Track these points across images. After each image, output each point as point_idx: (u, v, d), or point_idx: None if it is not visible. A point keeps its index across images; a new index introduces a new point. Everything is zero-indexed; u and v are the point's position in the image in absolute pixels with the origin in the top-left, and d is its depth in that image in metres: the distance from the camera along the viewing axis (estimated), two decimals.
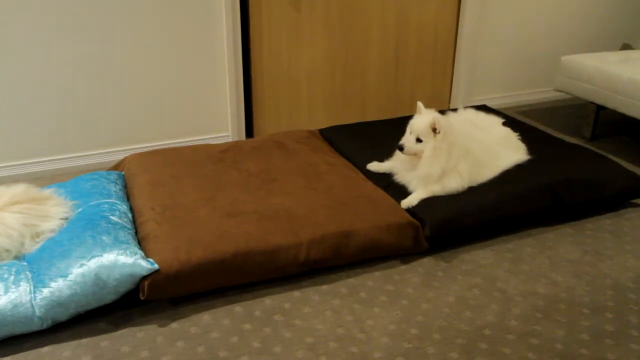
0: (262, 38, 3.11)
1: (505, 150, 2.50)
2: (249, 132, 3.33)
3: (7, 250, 1.86)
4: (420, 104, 2.30)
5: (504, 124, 2.64)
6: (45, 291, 1.73)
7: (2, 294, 1.70)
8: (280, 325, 1.82)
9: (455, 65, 3.67)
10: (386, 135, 2.72)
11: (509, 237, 2.32)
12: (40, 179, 2.83)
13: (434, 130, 2.21)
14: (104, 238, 1.88)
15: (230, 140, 3.21)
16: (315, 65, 3.29)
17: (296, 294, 1.97)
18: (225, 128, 3.24)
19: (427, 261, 2.16)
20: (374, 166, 2.51)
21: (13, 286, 1.73)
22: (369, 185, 2.37)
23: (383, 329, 1.81)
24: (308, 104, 3.36)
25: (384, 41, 3.40)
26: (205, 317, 1.86)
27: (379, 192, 2.31)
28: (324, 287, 2.01)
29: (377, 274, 2.08)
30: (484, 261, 2.16)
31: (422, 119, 2.23)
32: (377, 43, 3.39)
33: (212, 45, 3.02)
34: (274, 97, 3.26)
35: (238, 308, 1.90)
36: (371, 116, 3.54)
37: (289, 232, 2.03)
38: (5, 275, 1.76)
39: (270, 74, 3.20)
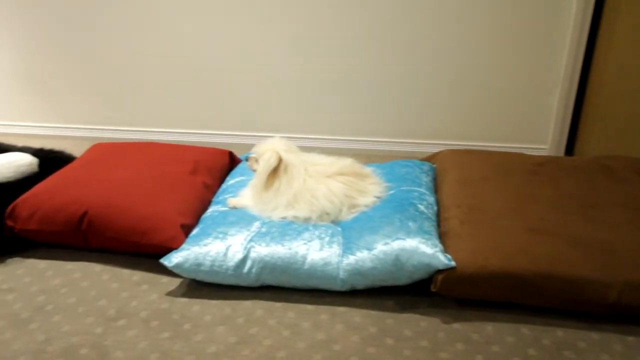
0: (610, 48, 2.81)
1: None
2: (569, 149, 3.09)
3: (328, 214, 2.10)
4: None
5: None
6: (351, 258, 1.90)
7: (317, 250, 1.93)
8: None
9: None
10: None
11: None
12: (358, 156, 3.11)
13: None
14: (410, 224, 1.97)
15: (546, 154, 3.03)
16: None
17: (594, 335, 1.77)
18: (543, 140, 3.07)
19: None
20: None
21: (327, 246, 1.94)
22: None
23: None
24: None
25: None
26: (489, 328, 1.81)
27: None
28: (631, 338, 1.76)
29: None
30: None
31: None
32: None
33: (550, 51, 2.87)
34: (608, 116, 2.94)
35: (525, 330, 1.80)
36: None
37: (601, 267, 1.82)
38: (322, 235, 1.99)
39: (610, 90, 2.89)
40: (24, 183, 2.34)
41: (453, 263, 1.84)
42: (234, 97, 3.23)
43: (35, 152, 2.56)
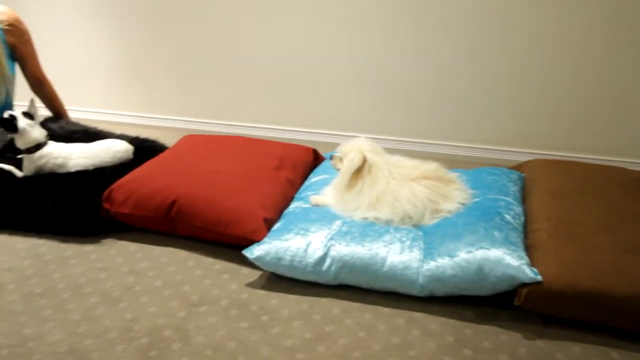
0: None
1: None
2: None
3: (410, 217, 2.07)
4: None
5: None
6: (432, 264, 1.86)
7: (397, 253, 1.91)
8: None
9: None
10: None
11: None
12: (443, 161, 3.04)
13: None
14: (495, 233, 1.90)
15: None
16: None
17: None
18: None
19: None
20: None
21: (407, 250, 1.92)
22: None
23: None
24: None
25: None
26: (575, 349, 1.72)
27: None
28: None
29: None
30: None
31: None
32: None
33: None
34: None
35: (615, 355, 1.69)
36: None
37: None
38: (404, 239, 1.97)
39: None
40: (120, 168, 2.48)
41: (539, 277, 1.76)
42: (321, 96, 3.26)
43: (131, 140, 2.71)
